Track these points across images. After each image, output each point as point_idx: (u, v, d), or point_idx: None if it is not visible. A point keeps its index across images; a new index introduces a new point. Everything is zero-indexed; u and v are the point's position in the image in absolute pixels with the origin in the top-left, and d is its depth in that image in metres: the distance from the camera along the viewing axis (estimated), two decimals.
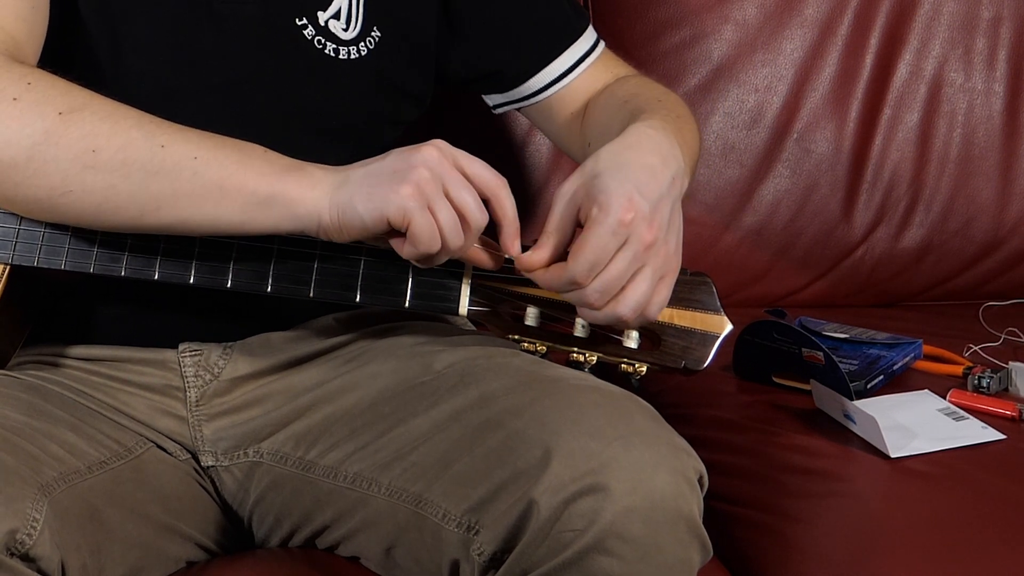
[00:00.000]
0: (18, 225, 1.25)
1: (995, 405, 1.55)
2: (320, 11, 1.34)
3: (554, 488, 1.11)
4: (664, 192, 1.18)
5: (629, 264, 1.16)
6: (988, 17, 1.92)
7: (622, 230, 1.15)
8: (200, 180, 1.16)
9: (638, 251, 1.16)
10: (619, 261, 1.16)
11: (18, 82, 1.16)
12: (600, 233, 1.15)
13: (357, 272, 1.25)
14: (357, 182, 1.16)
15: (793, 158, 1.88)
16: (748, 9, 1.87)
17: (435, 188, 1.15)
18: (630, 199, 1.15)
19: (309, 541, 1.34)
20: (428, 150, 1.16)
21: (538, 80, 1.47)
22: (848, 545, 1.36)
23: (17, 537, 1.10)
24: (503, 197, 1.18)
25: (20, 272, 1.26)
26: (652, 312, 1.19)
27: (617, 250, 1.15)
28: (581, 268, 1.15)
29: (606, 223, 1.14)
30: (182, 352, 1.35)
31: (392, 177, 1.15)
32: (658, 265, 1.17)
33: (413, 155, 1.16)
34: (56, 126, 1.15)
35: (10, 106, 1.15)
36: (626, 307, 1.17)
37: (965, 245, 1.92)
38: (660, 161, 1.20)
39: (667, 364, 1.24)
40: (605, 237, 1.15)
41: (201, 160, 1.16)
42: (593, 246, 1.15)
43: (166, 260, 1.24)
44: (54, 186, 1.16)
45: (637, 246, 1.15)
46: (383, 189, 1.15)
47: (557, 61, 1.46)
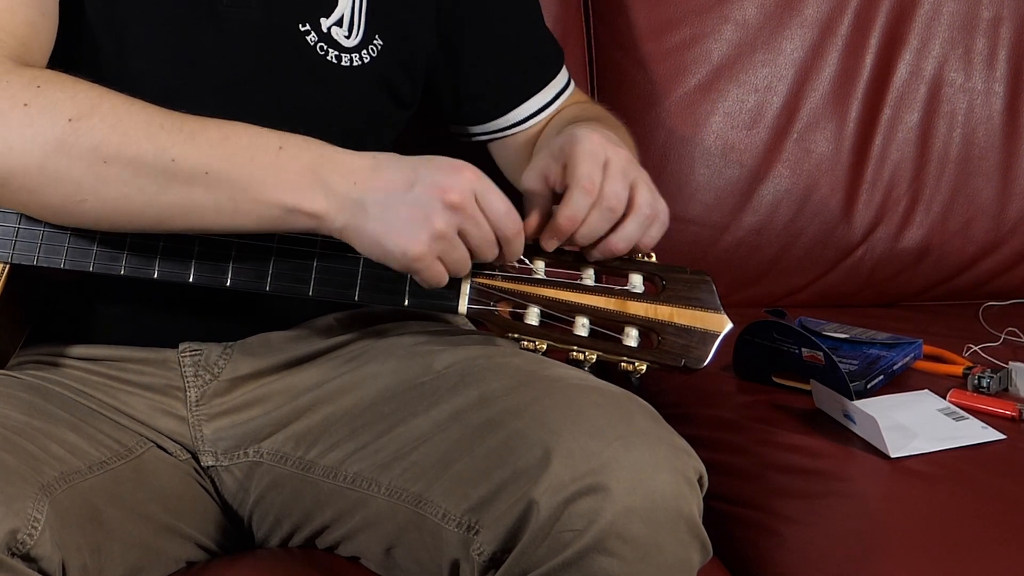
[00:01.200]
0: (18, 224, 1.25)
1: (995, 405, 1.55)
2: (323, 17, 1.34)
3: (554, 488, 1.11)
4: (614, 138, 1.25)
5: (623, 177, 1.20)
6: (988, 17, 1.92)
7: (598, 149, 1.20)
8: (212, 196, 1.16)
9: (622, 165, 1.20)
10: (612, 176, 1.20)
11: (28, 86, 1.16)
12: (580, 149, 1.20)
13: (356, 271, 1.24)
14: (373, 217, 1.15)
15: (793, 158, 1.88)
16: (748, 9, 1.87)
17: (449, 240, 1.16)
18: (592, 131, 1.22)
19: (309, 541, 1.34)
20: (453, 192, 1.15)
21: (515, 115, 1.49)
22: (848, 545, 1.36)
23: (18, 537, 1.10)
24: (515, 245, 1.19)
25: (20, 271, 1.26)
26: (662, 213, 1.23)
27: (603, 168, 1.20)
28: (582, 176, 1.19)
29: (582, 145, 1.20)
30: (182, 352, 1.35)
31: (407, 227, 1.15)
32: (644, 177, 1.23)
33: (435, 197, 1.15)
34: (67, 135, 1.15)
35: (21, 113, 1.15)
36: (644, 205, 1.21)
37: (965, 245, 1.92)
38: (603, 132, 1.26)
39: (667, 363, 1.24)
40: (587, 152, 1.20)
41: (212, 175, 1.16)
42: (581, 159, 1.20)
43: (165, 259, 1.24)
44: (68, 194, 1.16)
45: (618, 161, 1.20)
46: (394, 239, 1.15)
47: (535, 98, 1.49)
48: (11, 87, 1.16)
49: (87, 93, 1.17)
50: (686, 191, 1.85)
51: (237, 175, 1.16)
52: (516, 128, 1.50)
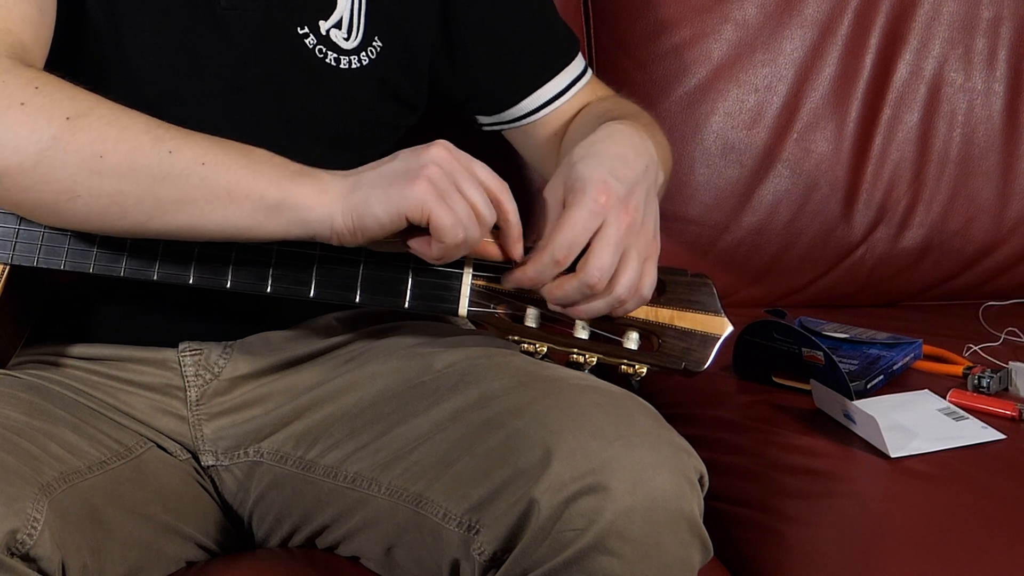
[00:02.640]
0: (18, 225, 1.25)
1: (995, 405, 1.55)
2: (322, 20, 1.34)
3: (555, 487, 1.11)
4: (639, 177, 1.20)
5: (616, 244, 1.17)
6: (988, 17, 1.92)
7: (598, 210, 1.17)
8: (208, 185, 1.16)
9: (620, 231, 1.17)
10: (606, 240, 1.17)
11: (25, 87, 1.16)
12: (576, 213, 1.17)
13: (357, 272, 1.25)
14: (370, 184, 1.16)
15: (793, 158, 1.88)
16: (748, 9, 1.87)
17: (448, 183, 1.15)
18: (604, 182, 1.17)
19: (309, 541, 1.34)
20: (436, 149, 1.16)
21: (528, 104, 1.48)
22: (848, 545, 1.36)
23: (18, 537, 1.10)
24: (505, 200, 1.19)
25: (20, 272, 1.26)
26: (646, 291, 1.20)
27: (597, 232, 1.17)
28: (559, 245, 1.17)
29: (583, 204, 1.17)
30: (182, 351, 1.35)
31: (405, 175, 1.15)
32: (641, 246, 1.19)
33: (422, 154, 1.16)
34: (64, 131, 1.15)
35: (18, 111, 1.15)
36: (623, 287, 1.18)
37: (965, 245, 1.92)
38: (632, 150, 1.22)
39: (667, 365, 1.24)
40: (583, 217, 1.16)
41: (209, 166, 1.16)
42: (570, 225, 1.17)
43: (166, 260, 1.24)
44: (62, 191, 1.16)
45: (617, 226, 1.17)
46: (398, 187, 1.15)
47: (548, 85, 1.48)
48: (8, 87, 1.16)
49: (85, 96, 1.17)
50: (686, 191, 1.85)
51: (232, 164, 1.16)
52: (529, 117, 1.49)
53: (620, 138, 1.24)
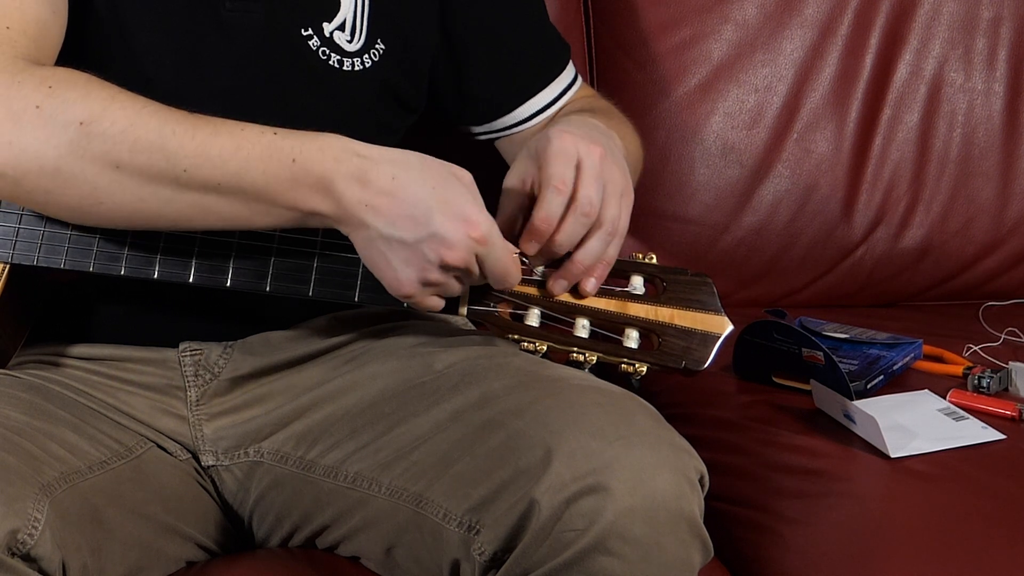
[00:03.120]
0: (18, 224, 1.25)
1: (995, 405, 1.55)
2: (326, 22, 1.34)
3: (555, 488, 1.11)
4: (596, 130, 1.25)
5: (596, 175, 1.19)
6: (988, 17, 1.92)
7: (570, 146, 1.19)
8: (225, 204, 1.16)
9: (595, 163, 1.19)
10: (586, 179, 1.19)
11: (39, 87, 1.16)
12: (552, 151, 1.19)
13: (356, 271, 1.24)
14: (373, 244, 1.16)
15: (793, 158, 1.88)
16: (748, 9, 1.87)
17: (443, 285, 1.18)
18: (564, 130, 1.21)
19: (309, 541, 1.34)
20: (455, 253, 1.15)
21: (521, 112, 1.48)
22: (848, 545, 1.36)
23: (18, 537, 1.10)
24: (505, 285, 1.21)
25: (20, 271, 1.26)
26: (622, 231, 1.22)
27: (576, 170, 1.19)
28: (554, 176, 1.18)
29: (553, 145, 1.19)
30: (182, 351, 1.35)
31: (404, 267, 1.16)
32: (616, 181, 1.21)
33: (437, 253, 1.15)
34: (80, 138, 1.15)
35: (34, 115, 1.15)
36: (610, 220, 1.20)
37: (965, 245, 1.92)
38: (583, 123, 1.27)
39: (667, 364, 1.24)
40: (559, 153, 1.19)
41: (224, 188, 1.16)
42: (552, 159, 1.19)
43: (165, 260, 1.24)
44: (84, 195, 1.16)
45: (591, 159, 1.19)
46: (389, 273, 1.17)
47: (541, 94, 1.49)
48: (23, 88, 1.16)
49: (98, 94, 1.16)
50: (686, 191, 1.85)
51: (249, 187, 1.16)
52: (521, 126, 1.49)
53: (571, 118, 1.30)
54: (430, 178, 1.15)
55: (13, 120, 1.15)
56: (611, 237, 1.21)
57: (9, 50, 1.19)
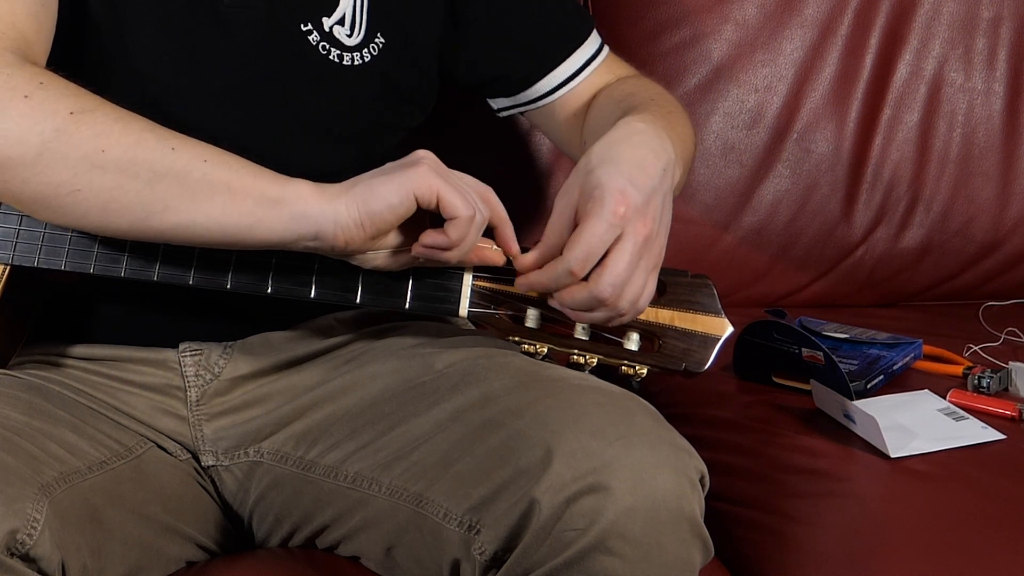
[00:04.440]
0: (18, 226, 1.25)
1: (995, 405, 1.55)
2: (325, 17, 1.34)
3: (556, 487, 1.11)
4: (656, 185, 1.19)
5: (632, 259, 1.17)
6: (988, 17, 1.92)
7: (617, 222, 1.16)
8: (209, 180, 1.16)
9: (637, 245, 1.17)
10: (623, 254, 1.16)
11: (30, 80, 1.16)
12: (595, 224, 1.16)
13: (357, 273, 1.24)
14: (369, 177, 1.18)
15: (793, 158, 1.88)
16: (748, 9, 1.87)
17: (445, 171, 1.17)
18: (623, 192, 1.16)
19: (309, 541, 1.34)
20: (422, 152, 1.18)
21: (544, 84, 1.47)
22: (848, 545, 1.36)
23: (18, 537, 1.10)
24: (493, 200, 1.20)
25: (20, 272, 1.26)
26: (644, 304, 1.20)
27: (614, 243, 1.16)
28: (576, 257, 1.16)
29: (601, 216, 1.16)
30: (182, 352, 1.35)
31: (402, 166, 1.17)
32: (652, 258, 1.19)
33: (411, 156, 1.18)
34: (67, 124, 1.15)
35: (22, 103, 1.15)
36: (626, 301, 1.18)
37: (965, 245, 1.93)
38: (650, 154, 1.21)
39: (668, 366, 1.24)
40: (601, 228, 1.16)
41: (211, 162, 1.16)
42: (588, 236, 1.16)
43: (166, 261, 1.24)
44: (62, 183, 1.16)
45: (635, 240, 1.16)
46: (400, 172, 1.16)
47: (563, 65, 1.47)
48: (13, 79, 1.16)
49: (89, 94, 1.17)
50: (686, 191, 1.85)
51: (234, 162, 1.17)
52: (548, 98, 1.48)
53: (639, 140, 1.21)
54: None
55: None
56: (620, 316, 1.19)
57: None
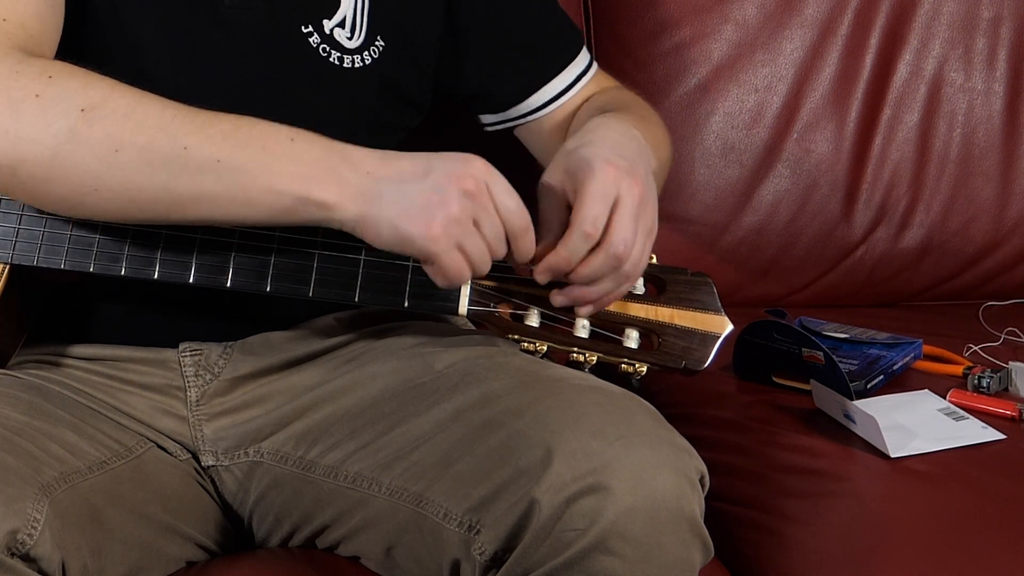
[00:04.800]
0: (18, 224, 1.25)
1: (995, 405, 1.55)
2: (326, 19, 1.34)
3: (556, 487, 1.11)
4: (636, 156, 1.22)
5: (633, 215, 1.19)
6: (988, 17, 1.92)
7: (611, 183, 1.18)
8: (224, 185, 1.15)
9: (634, 201, 1.19)
10: (624, 210, 1.18)
11: (39, 77, 1.16)
12: (593, 187, 1.17)
13: (357, 272, 1.25)
14: (389, 203, 1.15)
15: (793, 158, 1.88)
16: (748, 9, 1.87)
17: (465, 226, 1.15)
18: (609, 159, 1.19)
19: (309, 541, 1.34)
20: (467, 179, 1.15)
21: (533, 101, 1.48)
22: (848, 545, 1.36)
23: (18, 537, 1.10)
24: (524, 242, 1.18)
25: (20, 271, 1.26)
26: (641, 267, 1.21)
27: (614, 206, 1.18)
28: (587, 218, 1.17)
29: (596, 178, 1.18)
30: (182, 352, 1.35)
31: (424, 211, 1.14)
32: (647, 221, 1.21)
33: (450, 183, 1.14)
34: (80, 124, 1.15)
35: (33, 103, 1.15)
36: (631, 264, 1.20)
37: (965, 245, 1.93)
38: (623, 137, 1.25)
39: (667, 364, 1.24)
40: (600, 189, 1.17)
41: (224, 164, 1.15)
42: (591, 198, 1.17)
43: (166, 260, 1.24)
44: (80, 183, 1.16)
45: (631, 197, 1.19)
46: (412, 223, 1.14)
47: (553, 82, 1.48)
48: (22, 78, 1.16)
49: (99, 84, 1.17)
50: (686, 191, 1.85)
51: (249, 163, 1.15)
52: (534, 115, 1.49)
53: (612, 125, 1.27)
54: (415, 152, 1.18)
55: (12, 109, 1.15)
56: (626, 280, 1.21)
57: (6, 41, 1.19)
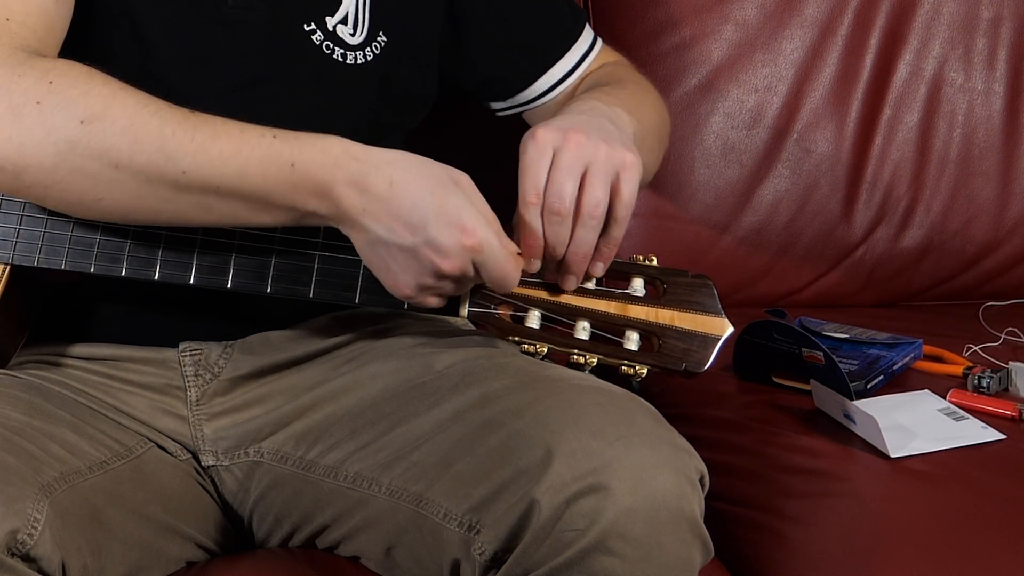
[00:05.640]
0: (18, 225, 1.25)
1: (995, 405, 1.55)
2: (328, 16, 1.34)
3: (556, 487, 1.11)
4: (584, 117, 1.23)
5: (568, 167, 1.18)
6: (988, 17, 1.92)
7: (541, 145, 1.19)
8: (224, 205, 1.17)
9: (569, 154, 1.18)
10: (557, 166, 1.18)
11: (40, 81, 1.16)
12: (525, 157, 1.19)
13: (357, 273, 1.25)
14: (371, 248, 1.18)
15: (793, 158, 1.88)
16: (748, 9, 1.87)
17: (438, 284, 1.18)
18: (535, 130, 1.20)
19: (309, 541, 1.34)
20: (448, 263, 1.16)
21: (540, 85, 1.48)
22: (848, 545, 1.36)
23: (18, 537, 1.10)
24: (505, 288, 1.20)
25: (21, 272, 1.26)
26: (625, 205, 1.20)
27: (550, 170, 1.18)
28: (527, 189, 1.18)
29: (527, 149, 1.19)
30: (182, 351, 1.35)
31: (401, 271, 1.18)
32: (602, 160, 1.19)
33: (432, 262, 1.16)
34: (79, 136, 1.15)
35: (34, 110, 1.15)
36: (589, 205, 1.18)
37: (965, 245, 1.93)
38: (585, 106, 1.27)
39: (668, 366, 1.24)
40: (532, 157, 1.18)
41: (222, 191, 1.16)
42: (525, 168, 1.18)
43: (166, 261, 1.24)
44: (84, 191, 1.17)
45: (566, 151, 1.18)
46: (386, 276, 1.19)
47: (558, 65, 1.48)
48: (24, 81, 1.16)
49: (99, 91, 1.16)
50: (686, 191, 1.85)
51: (248, 190, 1.17)
52: (544, 98, 1.49)
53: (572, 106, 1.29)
54: (428, 183, 1.15)
55: (14, 115, 1.15)
56: (597, 220, 1.19)
57: (9, 41, 1.18)
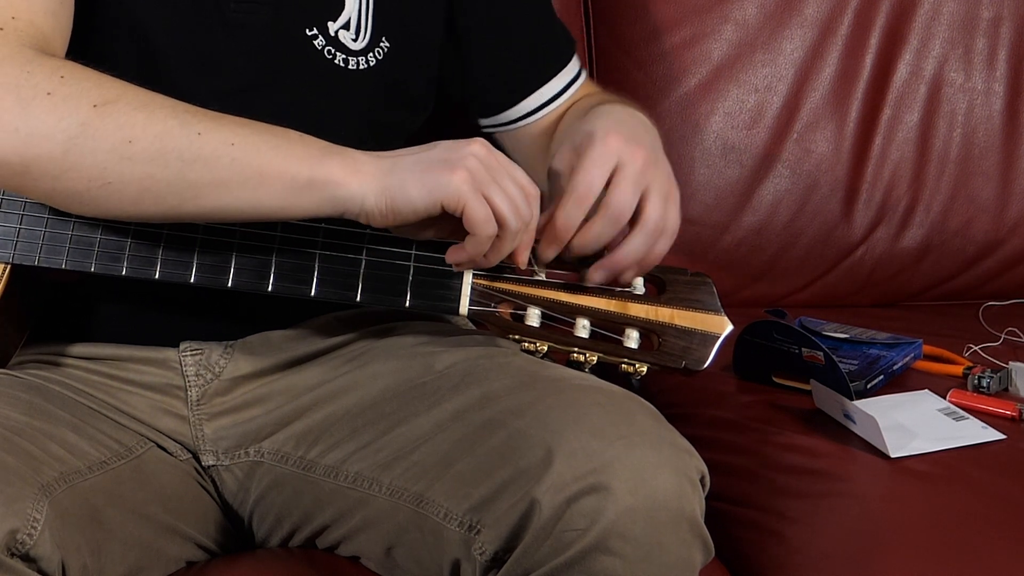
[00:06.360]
0: (19, 224, 1.25)
1: (995, 405, 1.55)
2: (330, 21, 1.34)
3: (556, 487, 1.11)
4: (640, 126, 1.25)
5: (634, 179, 1.20)
6: (988, 17, 1.92)
7: (611, 151, 1.20)
8: (238, 166, 1.16)
9: (636, 167, 1.20)
10: (622, 183, 1.20)
11: (51, 76, 1.16)
12: (590, 155, 1.20)
13: (358, 272, 1.25)
14: (407, 167, 1.17)
15: (793, 158, 1.88)
16: (748, 9, 1.87)
17: (487, 176, 1.16)
18: (609, 130, 1.22)
19: (309, 541, 1.34)
20: (476, 146, 1.18)
21: (526, 105, 1.48)
22: (848, 545, 1.36)
23: (18, 537, 1.10)
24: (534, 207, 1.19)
25: (21, 271, 1.26)
26: (671, 227, 1.23)
27: (614, 172, 1.20)
28: (579, 183, 1.20)
29: (594, 147, 1.20)
30: (183, 351, 1.35)
31: (444, 164, 1.16)
32: (661, 185, 1.22)
33: (462, 147, 1.17)
34: (92, 118, 1.15)
35: (44, 100, 1.15)
36: (651, 221, 1.21)
37: (965, 245, 1.93)
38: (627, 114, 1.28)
39: (667, 364, 1.24)
40: (596, 158, 1.20)
41: (239, 146, 1.16)
42: (587, 165, 1.20)
43: (167, 260, 1.24)
44: (92, 177, 1.16)
45: (633, 164, 1.20)
46: (435, 174, 1.16)
47: (547, 87, 1.49)
48: (34, 76, 1.16)
49: (111, 83, 1.17)
50: (686, 191, 1.85)
51: (263, 144, 1.16)
52: (526, 119, 1.49)
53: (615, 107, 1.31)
54: None
55: (22, 107, 1.15)
56: (656, 236, 1.22)
57: (16, 39, 1.19)
